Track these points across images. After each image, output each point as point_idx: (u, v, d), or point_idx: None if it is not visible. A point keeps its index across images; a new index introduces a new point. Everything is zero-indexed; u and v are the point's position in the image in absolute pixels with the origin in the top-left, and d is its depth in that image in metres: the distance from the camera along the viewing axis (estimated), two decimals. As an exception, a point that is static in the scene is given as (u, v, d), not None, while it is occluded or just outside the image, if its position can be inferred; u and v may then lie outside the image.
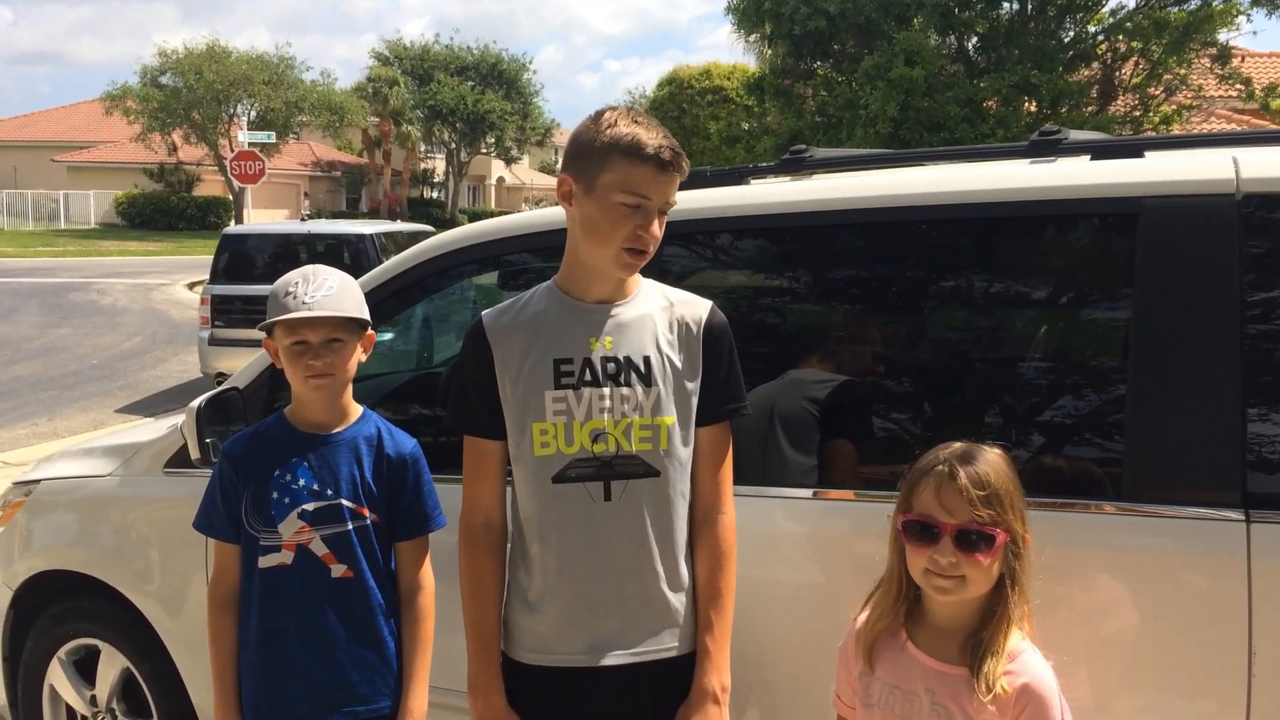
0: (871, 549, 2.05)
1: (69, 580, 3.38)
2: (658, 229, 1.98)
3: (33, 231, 41.94)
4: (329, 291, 2.17)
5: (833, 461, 2.41)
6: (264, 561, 2.19)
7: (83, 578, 3.32)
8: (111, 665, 3.34)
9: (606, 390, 2.01)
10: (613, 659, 2.03)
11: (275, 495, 2.18)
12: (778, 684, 2.32)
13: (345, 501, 2.19)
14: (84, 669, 3.43)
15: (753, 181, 2.76)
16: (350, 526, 2.19)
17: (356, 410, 2.29)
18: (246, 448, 2.25)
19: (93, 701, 3.40)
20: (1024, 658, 1.85)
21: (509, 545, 2.15)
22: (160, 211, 43.95)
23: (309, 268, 2.24)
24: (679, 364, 2.05)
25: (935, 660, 1.89)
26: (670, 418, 2.03)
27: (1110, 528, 2.07)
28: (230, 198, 37.96)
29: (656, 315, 2.07)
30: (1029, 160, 2.44)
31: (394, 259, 3.03)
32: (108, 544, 3.29)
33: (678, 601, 2.06)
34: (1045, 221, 2.27)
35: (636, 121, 1.98)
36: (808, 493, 2.37)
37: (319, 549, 2.18)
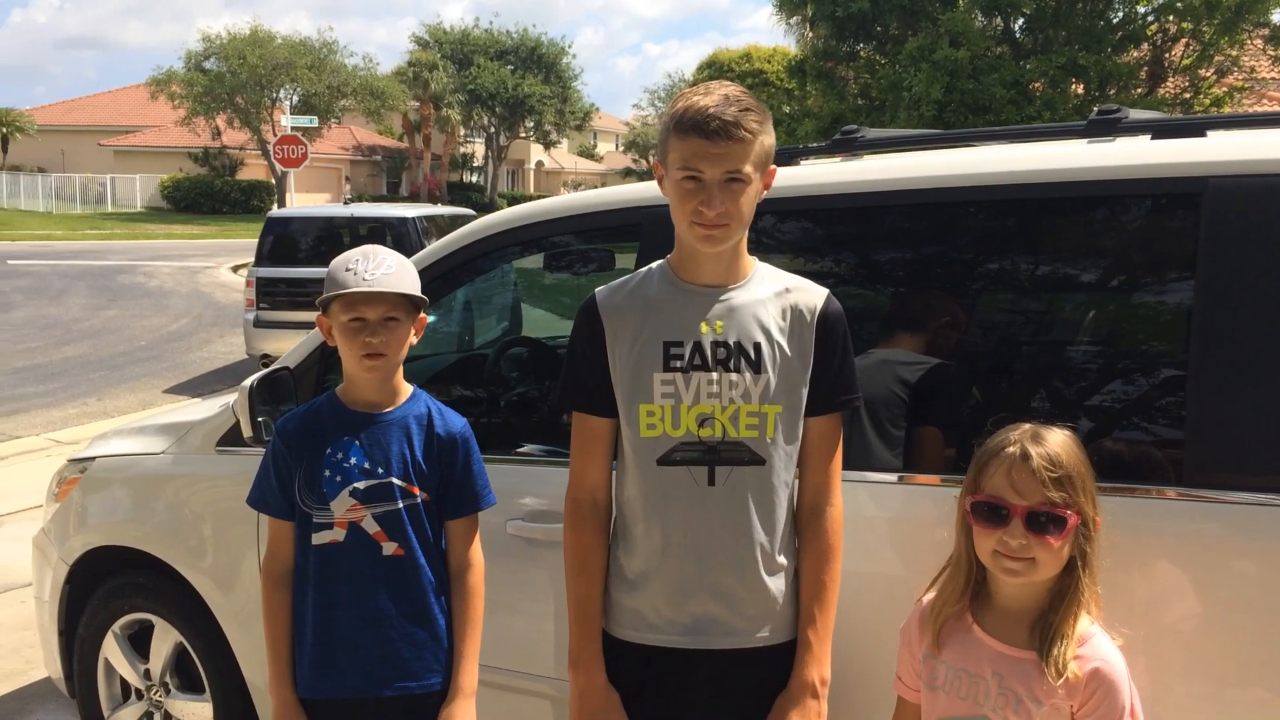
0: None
1: (123, 556, 3.44)
2: (723, 202, 1.90)
3: (80, 215, 42.58)
4: (389, 270, 2.18)
5: (920, 445, 2.37)
6: (317, 539, 2.21)
7: (137, 553, 3.38)
8: (165, 640, 3.39)
9: (715, 375, 1.99)
10: (710, 643, 2.03)
11: (327, 473, 2.19)
12: (860, 671, 2.28)
13: (396, 480, 2.21)
14: (138, 643, 3.49)
15: (803, 162, 2.74)
16: (401, 505, 2.21)
17: (407, 390, 2.30)
18: (299, 426, 2.27)
19: (146, 675, 3.46)
20: (1094, 641, 1.83)
21: (613, 523, 2.15)
22: (205, 195, 44.48)
23: (367, 246, 2.25)
24: (790, 352, 2.01)
25: (1002, 643, 1.87)
26: (778, 406, 2.00)
27: (1171, 513, 2.03)
28: (273, 181, 38.26)
29: (769, 301, 2.03)
30: (1087, 140, 2.39)
31: (441, 241, 3.04)
32: (162, 520, 3.34)
33: (777, 590, 2.04)
34: (1105, 202, 2.22)
35: (700, 93, 1.93)
36: (892, 477, 2.32)
37: (370, 527, 2.20)
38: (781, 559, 2.05)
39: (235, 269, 22.97)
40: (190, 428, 3.38)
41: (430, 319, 2.36)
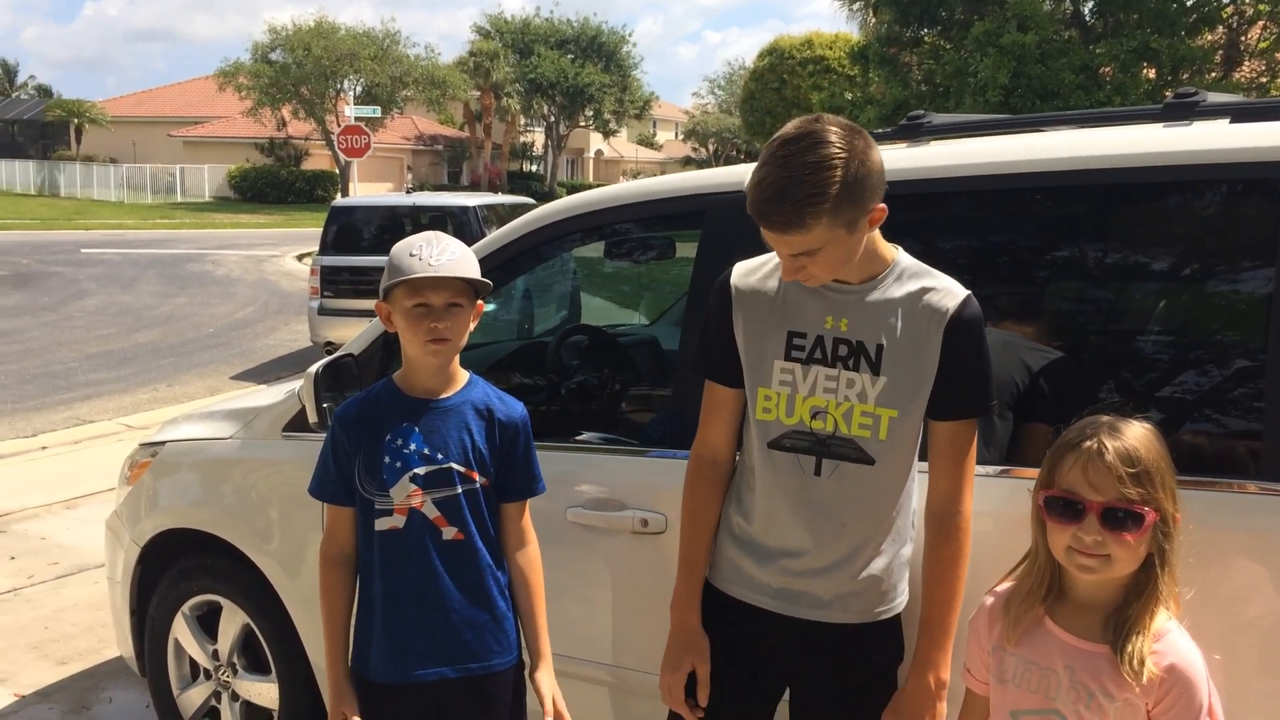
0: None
1: (193, 538, 3.50)
2: (804, 262, 1.91)
3: (151, 204, 43.55)
4: (453, 256, 2.19)
5: (1030, 437, 2.30)
6: (379, 525, 2.24)
7: (206, 536, 3.45)
8: (233, 621, 3.46)
9: (835, 370, 2.01)
10: (797, 611, 2.10)
11: (387, 460, 2.21)
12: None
13: (455, 466, 2.22)
14: (207, 624, 3.56)
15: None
16: (460, 490, 2.23)
17: (464, 376, 2.31)
18: (358, 412, 2.29)
19: (214, 655, 3.53)
20: (1170, 637, 1.78)
21: (733, 480, 2.21)
22: (270, 185, 45.25)
23: (430, 233, 2.26)
24: (913, 357, 1.98)
25: (1075, 637, 1.83)
26: (893, 411, 1.99)
27: (1251, 507, 1.97)
28: (337, 171, 38.80)
29: (902, 302, 1.99)
30: (1163, 124, 2.33)
31: (502, 229, 3.05)
32: (229, 504, 3.40)
33: (875, 575, 2.06)
34: (1182, 188, 2.16)
35: (757, 171, 1.89)
36: (994, 470, 2.24)
37: (430, 512, 2.22)
38: (885, 550, 2.06)
39: (300, 258, 23.35)
40: (257, 413, 3.43)
41: (489, 307, 2.38)
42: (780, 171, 1.84)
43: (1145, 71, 16.83)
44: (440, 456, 2.22)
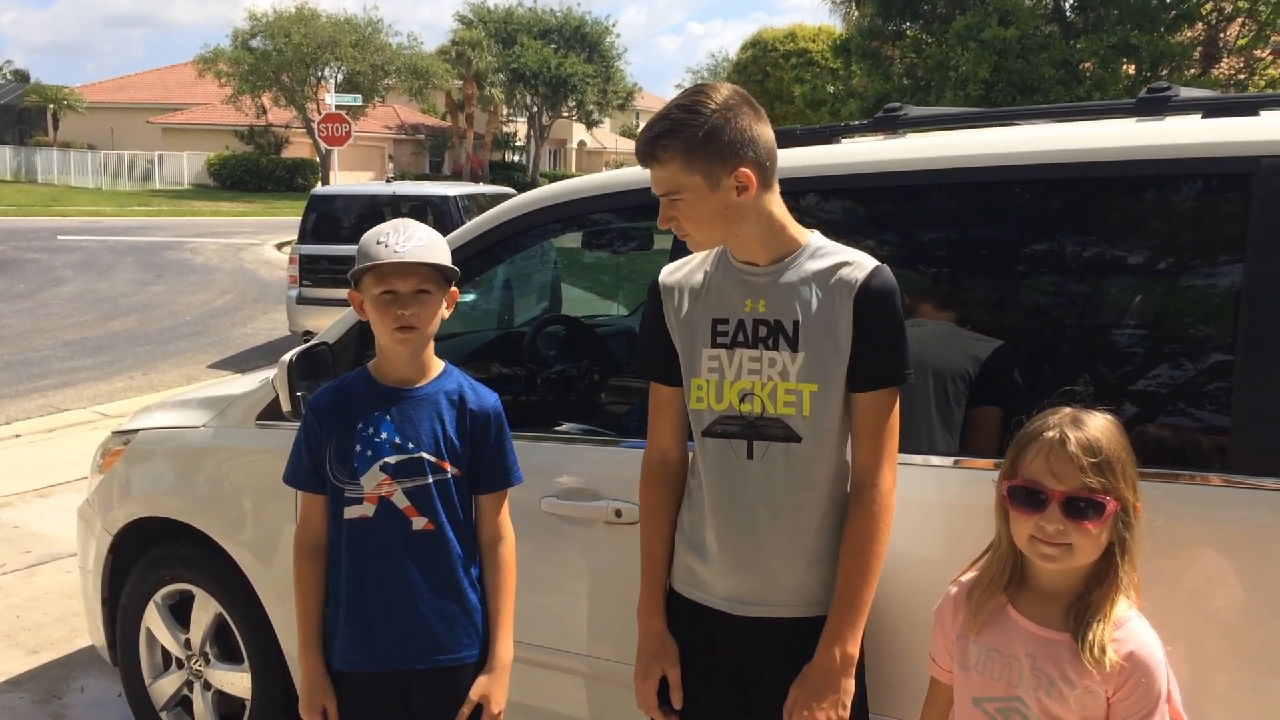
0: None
1: (165, 527, 3.48)
2: (673, 212, 2.04)
3: (129, 191, 43.19)
4: (420, 242, 2.19)
5: (978, 427, 2.31)
6: (348, 513, 2.23)
7: (178, 525, 3.43)
8: (205, 610, 3.44)
9: (757, 351, 2.05)
10: (747, 610, 2.09)
11: (358, 448, 2.21)
12: (906, 655, 2.26)
13: (426, 455, 2.22)
14: (179, 613, 3.54)
15: (844, 140, 2.71)
16: (430, 480, 2.22)
17: (438, 365, 2.31)
18: (331, 400, 2.28)
19: (186, 645, 3.51)
20: (1130, 625, 1.79)
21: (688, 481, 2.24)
22: (250, 173, 44.92)
23: (398, 220, 2.26)
24: (827, 328, 2.01)
25: (1037, 625, 1.84)
26: (813, 385, 2.02)
27: (1215, 500, 1.99)
28: (317, 160, 38.58)
29: (815, 278, 2.04)
30: (1137, 118, 2.34)
31: (478, 218, 3.04)
32: (202, 492, 3.38)
33: (811, 565, 2.07)
34: (1154, 182, 2.18)
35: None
36: (949, 461, 2.27)
37: (400, 501, 2.21)
38: (824, 536, 2.06)
39: (279, 246, 23.21)
40: (231, 402, 3.41)
41: (468, 297, 2.38)
42: (657, 114, 2.03)
43: (1125, 67, 16.92)
44: (411, 446, 2.21)
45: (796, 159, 2.57)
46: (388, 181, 12.56)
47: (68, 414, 8.96)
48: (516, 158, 57.13)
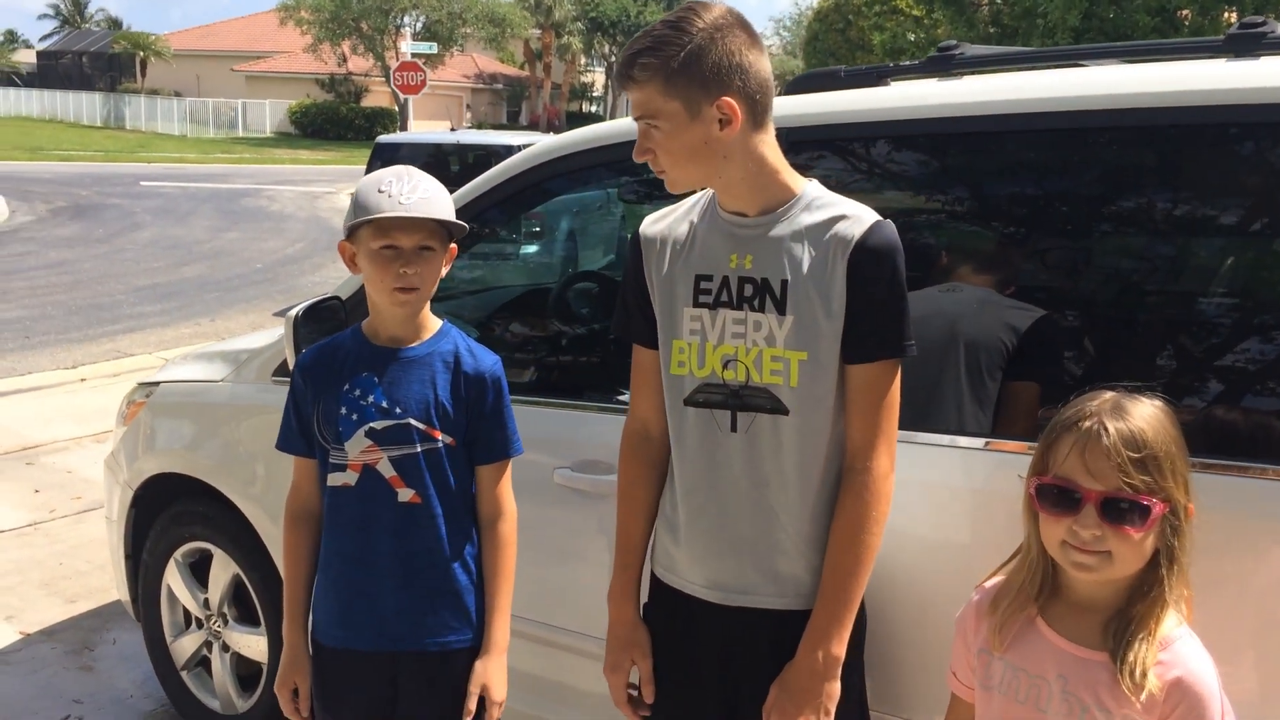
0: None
1: (186, 483, 3.39)
2: (650, 143, 1.80)
3: (213, 139, 43.88)
4: (426, 194, 1.99)
5: (1012, 405, 2.08)
6: (331, 480, 2.08)
7: (198, 482, 3.33)
8: (224, 570, 3.35)
9: (742, 313, 1.82)
10: (727, 598, 1.90)
11: (344, 411, 2.04)
12: (925, 654, 2.07)
13: (415, 422, 2.04)
14: (198, 572, 3.46)
15: (892, 82, 2.44)
16: (419, 449, 2.04)
17: (435, 324, 2.12)
18: (316, 359, 2.12)
19: (206, 605, 3.43)
20: (1178, 646, 1.54)
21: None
22: (330, 121, 45.35)
23: (400, 167, 2.06)
24: (818, 290, 1.77)
25: (1070, 642, 1.59)
26: (802, 353, 1.78)
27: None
28: (396, 109, 38.69)
29: (808, 233, 1.80)
30: (1227, 58, 2.04)
31: (499, 165, 2.84)
32: (217, 449, 3.27)
33: (802, 553, 1.85)
34: (1247, 131, 1.88)
35: None
36: (979, 442, 2.04)
37: (386, 470, 2.04)
38: (814, 521, 1.84)
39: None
40: (249, 356, 3.29)
41: (531, 249, 2.17)
42: (643, 30, 1.81)
43: (1226, 15, 16.00)
44: (399, 411, 2.04)
45: (839, 103, 2.33)
46: (451, 130, 12.39)
47: (133, 359, 9.03)
48: (594, 108, 56.76)
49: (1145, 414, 1.54)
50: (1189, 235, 1.99)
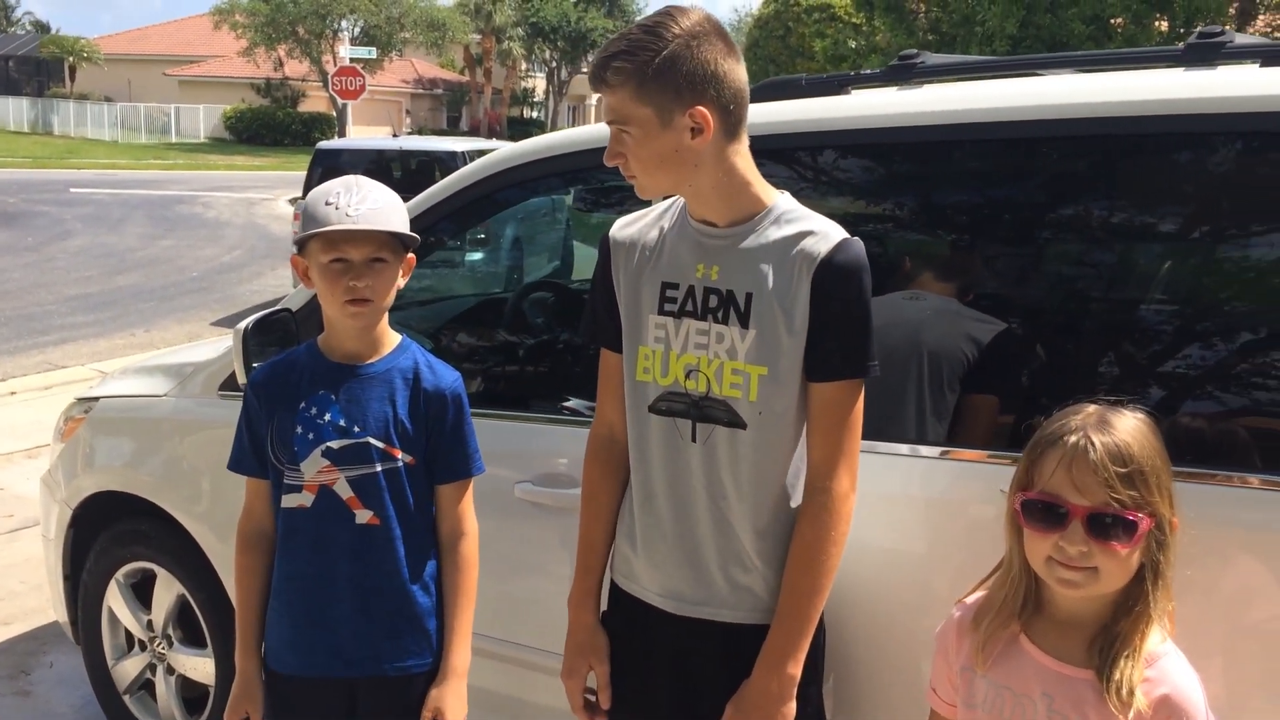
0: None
1: (127, 501, 3.28)
2: (621, 147, 1.77)
3: (145, 144, 42.95)
4: (375, 205, 1.93)
5: (969, 416, 2.08)
6: (286, 501, 2.01)
7: (139, 500, 3.22)
8: (167, 591, 3.24)
9: (706, 324, 1.81)
10: (681, 608, 1.87)
11: (299, 430, 1.98)
12: (884, 662, 2.06)
13: (374, 440, 1.98)
14: (141, 593, 3.35)
15: (854, 91, 2.43)
16: (379, 468, 1.98)
17: (393, 339, 2.07)
18: (270, 376, 2.05)
19: (149, 627, 3.32)
20: (1164, 663, 1.53)
21: None
22: (266, 127, 44.62)
23: (350, 177, 2.00)
24: (782, 305, 1.75)
25: (1055, 660, 1.58)
26: (762, 368, 1.76)
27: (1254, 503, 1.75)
28: (334, 114, 38.21)
29: (776, 248, 1.77)
30: (1184, 67, 2.06)
31: (454, 174, 2.78)
32: (161, 466, 3.17)
33: (757, 567, 1.83)
34: (1205, 140, 1.90)
35: None
36: (935, 451, 2.05)
37: (343, 491, 1.98)
38: (772, 536, 1.82)
39: (291, 201, 22.94)
40: (193, 370, 3.19)
41: (476, 256, 2.13)
42: (619, 33, 1.79)
43: (1158, 23, 16.38)
44: (357, 429, 1.98)
45: (799, 112, 2.31)
46: (393, 136, 12.26)
47: (66, 371, 8.78)
48: (535, 114, 56.59)
49: (1130, 427, 1.53)
50: (1154, 245, 2.00)
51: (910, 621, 2.01)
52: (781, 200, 1.83)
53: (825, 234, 1.77)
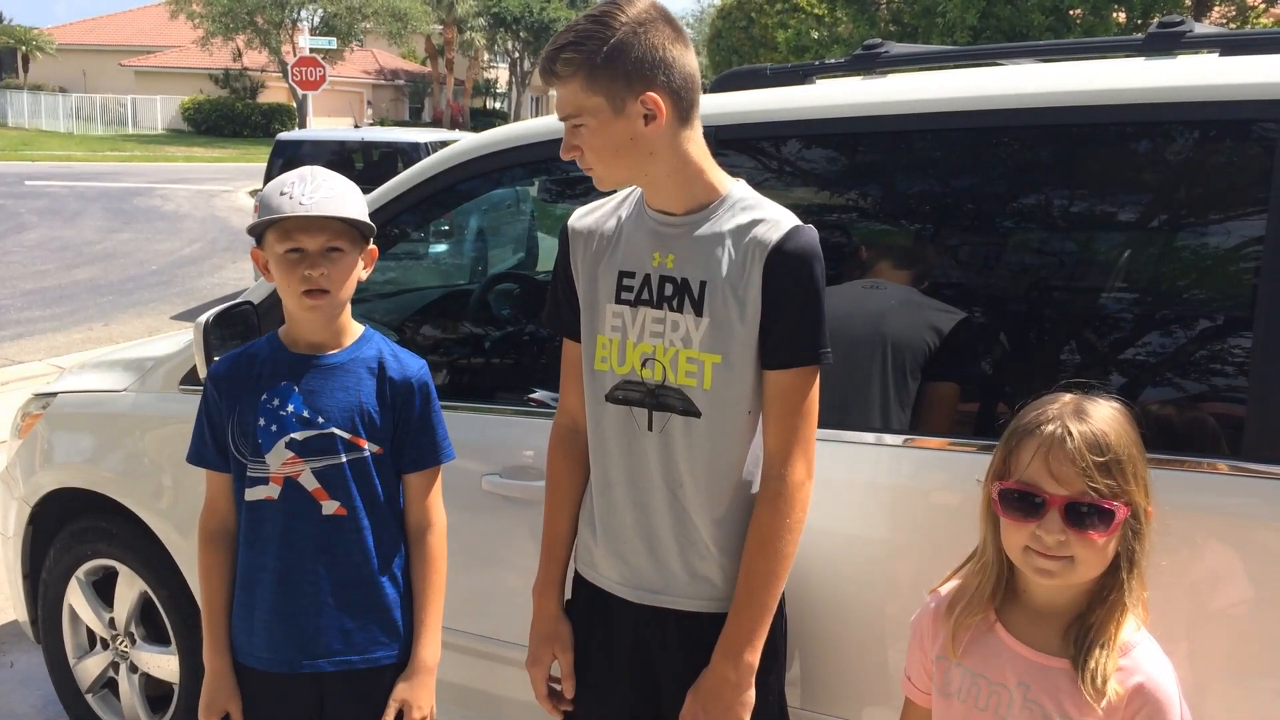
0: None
1: (87, 498, 3.23)
2: (576, 140, 1.77)
3: (101, 136, 42.30)
4: (330, 194, 1.91)
5: (937, 405, 2.10)
6: (250, 494, 1.99)
7: (100, 496, 3.18)
8: (130, 588, 3.20)
9: (661, 312, 1.82)
10: (640, 596, 1.90)
11: (262, 422, 1.95)
12: (848, 649, 2.07)
13: (339, 431, 1.96)
14: (103, 590, 3.30)
15: (818, 81, 2.43)
16: (344, 459, 1.97)
17: (356, 330, 2.05)
18: (230, 369, 2.03)
19: (111, 625, 3.27)
20: (1138, 652, 1.54)
21: None
22: (225, 118, 44.08)
23: (307, 168, 1.99)
24: (735, 293, 1.76)
25: (1030, 649, 1.59)
26: (715, 356, 1.77)
27: (1223, 489, 1.77)
28: (294, 105, 37.81)
29: (730, 235, 1.78)
30: (1145, 57, 2.08)
31: (413, 168, 2.76)
32: (122, 462, 3.12)
33: (714, 555, 1.84)
34: (1165, 129, 1.92)
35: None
36: (899, 439, 2.06)
37: (309, 483, 1.96)
38: (728, 524, 1.84)
39: (252, 193, 22.69)
40: (154, 364, 3.15)
41: (440, 248, 2.11)
42: (566, 26, 1.79)
43: (1115, 15, 16.55)
44: (321, 420, 1.96)
45: (763, 101, 2.31)
46: (356, 127, 12.14)
47: (22, 366, 8.65)
48: (498, 105, 56.31)
49: (1107, 416, 1.54)
50: (1116, 234, 2.02)
51: (877, 608, 2.03)
52: (736, 188, 1.84)
53: (777, 222, 1.77)
